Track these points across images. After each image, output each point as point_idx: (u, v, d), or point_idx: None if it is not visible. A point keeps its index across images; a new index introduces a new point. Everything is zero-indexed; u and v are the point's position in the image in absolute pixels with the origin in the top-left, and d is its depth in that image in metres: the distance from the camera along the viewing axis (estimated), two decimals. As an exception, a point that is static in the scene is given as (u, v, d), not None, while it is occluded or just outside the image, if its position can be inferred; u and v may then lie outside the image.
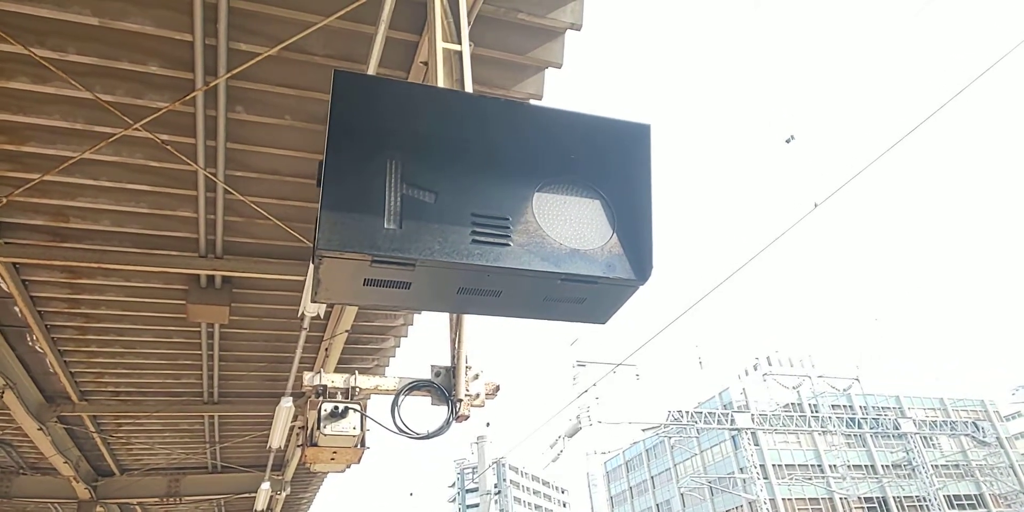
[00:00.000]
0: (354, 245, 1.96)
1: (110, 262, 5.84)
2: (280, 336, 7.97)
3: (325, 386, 4.47)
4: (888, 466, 50.44)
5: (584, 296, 2.28)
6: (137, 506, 13.60)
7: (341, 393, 4.49)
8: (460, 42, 3.12)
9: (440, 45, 3.01)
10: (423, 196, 2.11)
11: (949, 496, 49.18)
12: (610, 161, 2.32)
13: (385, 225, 2.03)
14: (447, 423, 4.32)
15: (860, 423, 44.67)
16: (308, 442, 4.48)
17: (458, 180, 2.17)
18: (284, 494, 12.68)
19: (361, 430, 4.38)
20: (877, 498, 48.71)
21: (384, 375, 5.63)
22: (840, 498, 47.38)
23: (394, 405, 4.30)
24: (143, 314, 7.14)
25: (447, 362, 4.60)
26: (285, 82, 4.47)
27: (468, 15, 3.29)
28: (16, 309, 6.65)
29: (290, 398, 8.03)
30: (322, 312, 6.14)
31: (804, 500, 46.81)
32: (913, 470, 48.30)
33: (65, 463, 9.92)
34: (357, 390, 4.49)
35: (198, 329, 7.61)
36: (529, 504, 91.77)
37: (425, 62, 3.94)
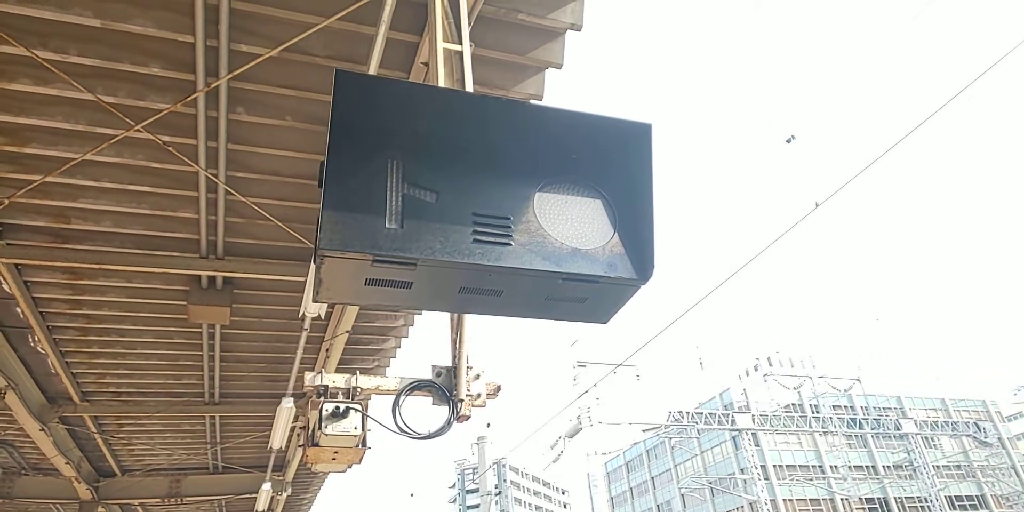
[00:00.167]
0: (356, 245, 1.97)
1: (111, 263, 5.85)
2: (281, 337, 7.98)
3: (326, 386, 4.47)
4: (889, 467, 50.38)
5: (585, 295, 2.28)
6: (139, 507, 13.59)
7: (342, 393, 4.50)
8: (461, 42, 3.13)
9: (441, 45, 3.02)
10: (424, 196, 2.12)
11: (951, 497, 49.10)
12: (611, 160, 2.32)
13: (386, 225, 2.03)
14: (448, 423, 4.32)
15: (861, 424, 44.63)
16: (309, 442, 4.49)
17: (459, 180, 2.17)
18: (285, 495, 12.69)
19: (362, 430, 4.38)
20: (878, 499, 48.65)
21: (385, 375, 5.63)
22: (841, 499, 47.32)
23: (395, 405, 4.30)
24: (144, 315, 7.15)
25: (448, 362, 4.60)
26: (286, 83, 4.48)
27: (468, 16, 3.29)
28: (18, 310, 6.66)
29: (291, 399, 8.04)
30: (323, 313, 6.15)
31: (805, 501, 46.76)
32: (914, 471, 48.22)
33: (67, 464, 9.93)
34: (358, 390, 4.50)
35: (199, 330, 7.62)
36: (530, 505, 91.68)
37: (426, 63, 3.95)
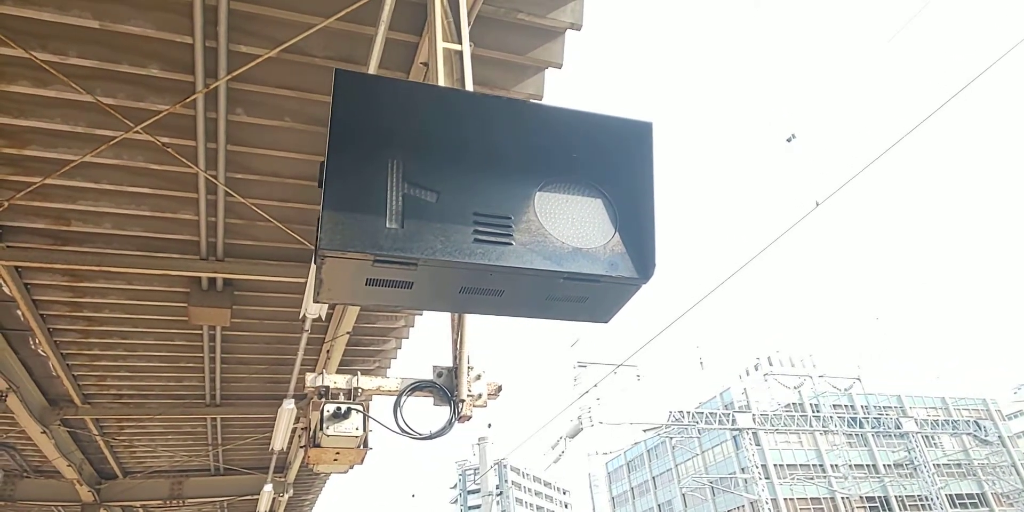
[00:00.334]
0: (356, 245, 1.96)
1: (112, 265, 5.85)
2: (281, 338, 7.97)
3: (327, 387, 4.47)
4: (890, 465, 50.36)
5: (586, 295, 2.27)
6: (140, 509, 13.57)
7: (343, 394, 4.49)
8: (460, 42, 3.12)
9: (440, 45, 3.01)
10: (425, 195, 2.12)
11: (951, 495, 49.10)
12: (612, 159, 2.32)
13: (387, 225, 2.03)
14: (449, 423, 4.32)
15: (862, 423, 44.66)
16: (311, 443, 4.48)
17: (460, 179, 2.17)
18: (287, 496, 12.68)
19: (364, 431, 4.38)
20: (879, 498, 48.63)
21: (386, 376, 5.63)
22: (842, 498, 47.30)
23: (396, 406, 4.30)
24: (145, 317, 7.14)
25: (449, 363, 4.60)
26: (285, 84, 4.48)
27: (468, 15, 3.29)
28: (18, 312, 6.65)
29: (292, 400, 8.03)
30: (323, 314, 6.14)
31: (806, 500, 46.74)
32: (915, 469, 48.24)
33: (68, 466, 9.92)
34: (359, 391, 4.50)
35: (200, 332, 7.62)
36: (531, 505, 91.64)
37: (425, 63, 3.95)
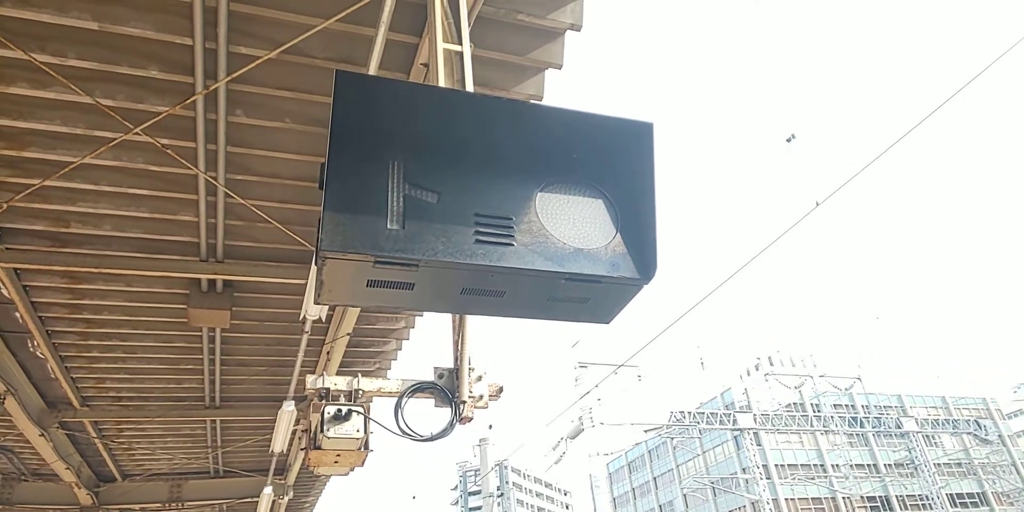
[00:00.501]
0: (357, 246, 1.95)
1: (111, 267, 5.84)
2: (281, 340, 7.96)
3: (328, 389, 4.46)
4: (891, 465, 50.36)
5: (588, 296, 2.27)
6: (139, 512, 13.56)
7: (344, 396, 4.48)
8: (460, 43, 3.12)
9: (441, 46, 3.01)
10: (426, 196, 2.11)
11: (952, 494, 49.09)
12: (613, 160, 2.31)
13: (388, 226, 2.02)
14: (451, 425, 4.31)
15: (862, 422, 44.64)
16: (311, 445, 4.47)
17: (461, 180, 2.16)
18: (287, 498, 12.65)
19: (364, 433, 4.37)
20: (880, 497, 48.62)
21: (387, 377, 5.62)
22: (843, 497, 47.29)
23: (397, 407, 4.29)
24: (144, 319, 7.13)
25: (450, 364, 4.59)
26: (285, 85, 4.47)
27: (468, 16, 3.28)
28: (17, 315, 6.64)
29: (292, 402, 8.02)
30: (324, 315, 6.13)
31: (807, 500, 46.72)
32: (916, 469, 48.23)
33: (67, 469, 9.90)
34: (360, 393, 4.49)
35: (199, 333, 7.60)
36: (532, 506, 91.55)
37: (425, 64, 3.94)
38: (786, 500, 45.60)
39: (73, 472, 10.18)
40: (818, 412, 46.19)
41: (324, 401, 4.40)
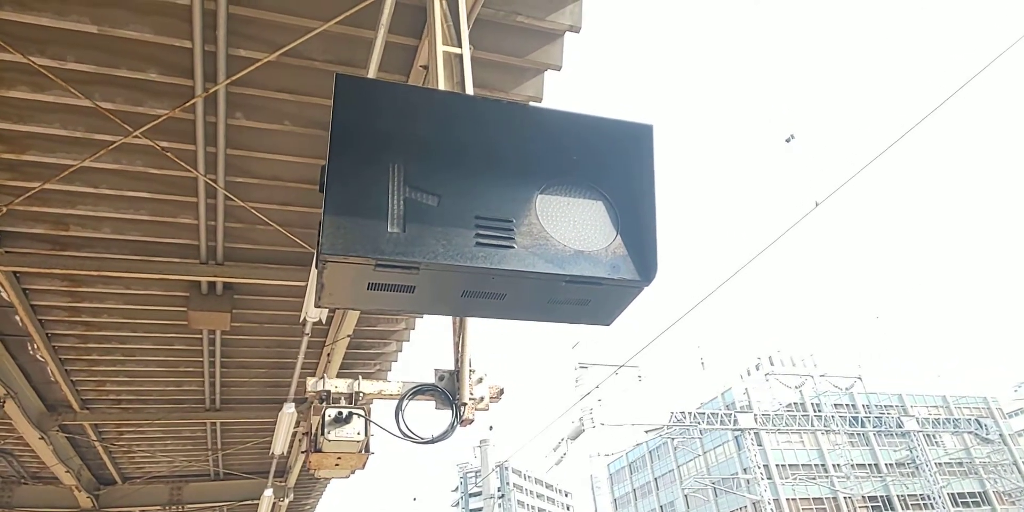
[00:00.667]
0: (358, 249, 1.95)
1: (111, 270, 5.83)
2: (282, 342, 7.96)
3: (329, 391, 4.45)
4: (892, 465, 50.35)
5: (589, 298, 2.27)
6: (140, 514, 13.54)
7: (345, 398, 4.47)
8: (460, 45, 3.12)
9: (440, 48, 3.01)
10: (426, 199, 2.11)
11: (953, 494, 49.08)
12: (613, 162, 2.31)
13: (389, 229, 2.02)
14: (452, 427, 4.31)
15: (863, 422, 44.65)
16: (312, 448, 4.46)
17: (461, 183, 2.16)
18: (287, 500, 12.63)
19: (365, 435, 4.36)
20: (881, 497, 48.61)
21: (387, 380, 5.61)
22: (844, 497, 47.27)
23: (398, 410, 4.29)
24: (144, 322, 7.12)
25: (450, 366, 4.58)
26: (285, 87, 4.47)
27: (467, 18, 3.28)
28: (17, 318, 6.63)
29: (292, 404, 8.01)
30: (324, 317, 6.13)
31: (808, 500, 46.71)
32: (917, 468, 48.22)
33: (67, 472, 9.88)
34: (361, 395, 4.48)
35: (199, 336, 7.59)
36: (533, 507, 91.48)
37: (425, 66, 3.95)
38: (787, 500, 45.58)
39: (73, 475, 10.16)
40: (819, 412, 46.20)
41: (325, 404, 4.40)
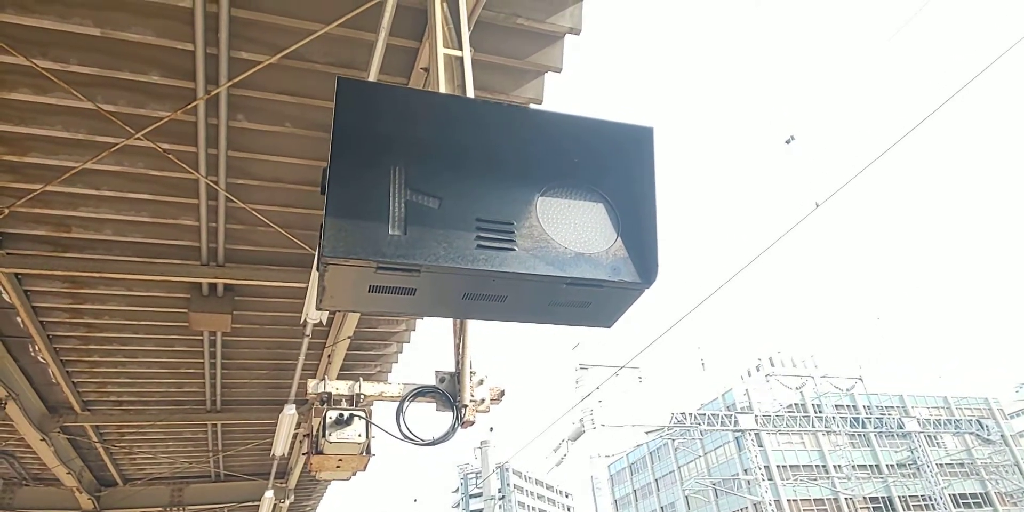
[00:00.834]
0: (359, 252, 1.96)
1: (112, 272, 5.84)
2: (282, 343, 7.96)
3: (330, 393, 4.46)
4: (893, 465, 50.28)
5: (589, 300, 2.27)
6: (141, 516, 13.53)
7: (346, 400, 4.48)
8: (461, 48, 3.13)
9: (441, 51, 3.01)
10: (427, 202, 2.12)
11: (955, 495, 49.00)
12: (613, 164, 2.32)
13: (390, 231, 2.03)
14: (452, 429, 4.31)
15: (864, 423, 44.58)
16: (313, 450, 4.47)
17: (462, 185, 2.17)
18: (288, 502, 12.63)
19: (366, 437, 4.36)
20: (882, 498, 48.54)
21: (387, 381, 5.61)
22: (845, 498, 47.21)
23: (399, 412, 4.29)
24: (145, 323, 7.13)
25: (451, 367, 4.59)
26: (286, 90, 4.48)
27: (468, 21, 3.29)
28: (18, 320, 6.64)
29: (293, 405, 8.01)
30: (325, 319, 6.14)
31: (809, 501, 46.65)
32: (918, 469, 48.16)
33: (68, 474, 9.89)
34: (362, 397, 4.48)
35: (200, 337, 7.60)
36: (533, 508, 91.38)
37: (426, 68, 3.96)
38: (788, 501, 45.52)
39: (74, 476, 10.16)
40: (820, 413, 46.13)
41: (326, 406, 4.40)
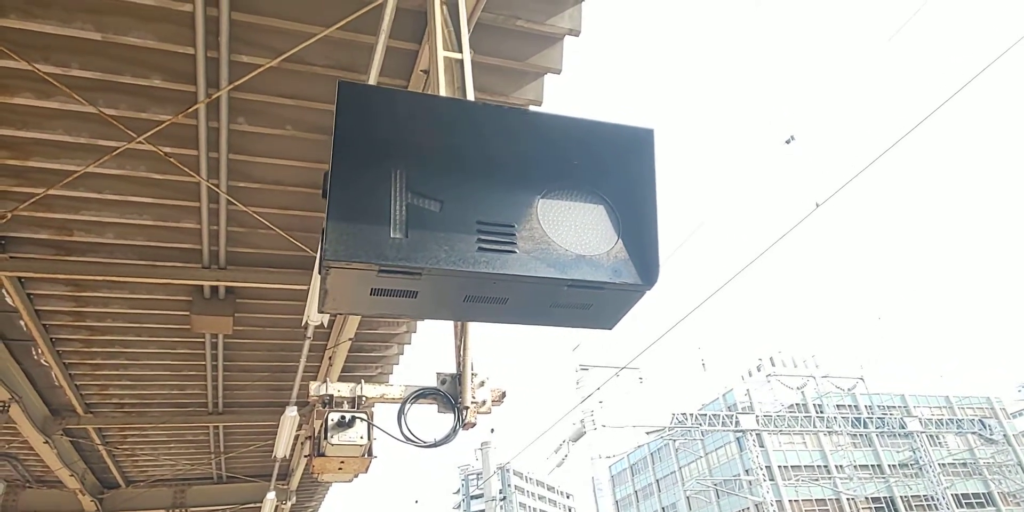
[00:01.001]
0: (361, 255, 1.96)
1: (114, 275, 5.86)
2: (284, 345, 7.97)
3: (331, 396, 4.46)
4: (895, 465, 50.20)
5: (590, 302, 2.28)
6: (143, 518, 13.53)
7: (347, 402, 4.48)
8: (461, 50, 3.14)
9: (441, 54, 3.02)
10: (428, 205, 2.12)
11: (957, 495, 48.91)
12: (614, 166, 2.32)
13: (391, 234, 2.03)
14: (454, 431, 4.32)
15: (866, 423, 44.48)
16: (315, 452, 4.47)
17: (463, 188, 2.18)
18: (290, 503, 12.64)
19: (368, 439, 4.37)
20: (884, 498, 48.46)
21: (388, 382, 5.61)
22: (847, 498, 47.14)
23: (400, 413, 4.30)
24: (147, 326, 7.15)
25: (452, 369, 4.59)
26: (286, 93, 4.50)
27: (468, 23, 3.30)
28: (21, 323, 6.66)
29: (295, 407, 8.02)
30: (326, 321, 6.15)
31: (811, 501, 46.58)
32: (920, 469, 48.06)
33: (71, 476, 9.91)
34: (363, 399, 4.49)
35: (202, 340, 7.62)
36: (534, 509, 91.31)
37: (426, 70, 3.97)
38: (790, 501, 45.46)
39: (77, 479, 10.18)
40: (821, 413, 46.06)
41: (327, 408, 4.41)
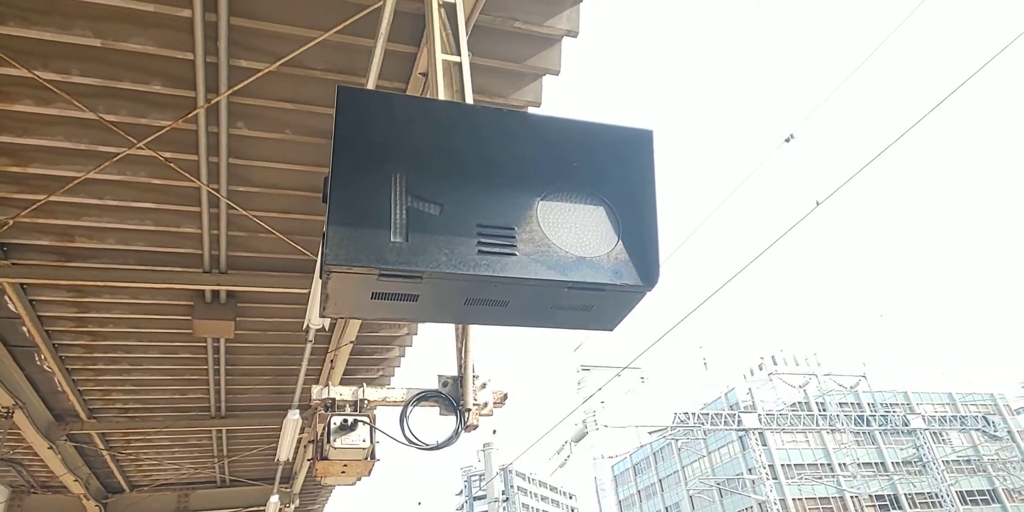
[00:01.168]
0: (361, 259, 1.97)
1: (116, 280, 5.87)
2: (285, 349, 7.98)
3: (334, 399, 4.47)
4: (898, 463, 50.17)
5: (591, 303, 2.28)
6: (147, 522, 13.54)
7: (350, 405, 4.49)
8: (459, 52, 3.15)
9: (440, 56, 3.03)
10: (429, 208, 2.13)
11: (961, 492, 48.87)
12: (613, 167, 2.33)
13: (392, 238, 2.04)
14: (456, 433, 4.32)
15: (869, 420, 44.47)
16: (318, 456, 4.48)
17: (463, 191, 2.18)
18: (293, 506, 12.65)
19: (371, 442, 4.38)
20: (888, 496, 48.42)
21: (390, 385, 5.63)
22: (851, 497, 47.10)
23: (402, 416, 4.30)
24: (149, 331, 7.16)
25: (454, 372, 4.60)
26: (285, 97, 4.50)
27: (466, 25, 3.31)
28: (24, 329, 6.67)
29: (297, 410, 8.03)
30: (327, 324, 6.16)
31: (815, 499, 46.55)
32: (924, 466, 48.02)
33: (75, 481, 9.92)
34: (365, 402, 4.50)
35: (204, 344, 7.63)
36: (537, 510, 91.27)
37: (424, 73, 3.98)
38: (794, 500, 45.43)
39: (81, 484, 10.19)
40: (823, 411, 46.07)
41: (330, 412, 4.42)
